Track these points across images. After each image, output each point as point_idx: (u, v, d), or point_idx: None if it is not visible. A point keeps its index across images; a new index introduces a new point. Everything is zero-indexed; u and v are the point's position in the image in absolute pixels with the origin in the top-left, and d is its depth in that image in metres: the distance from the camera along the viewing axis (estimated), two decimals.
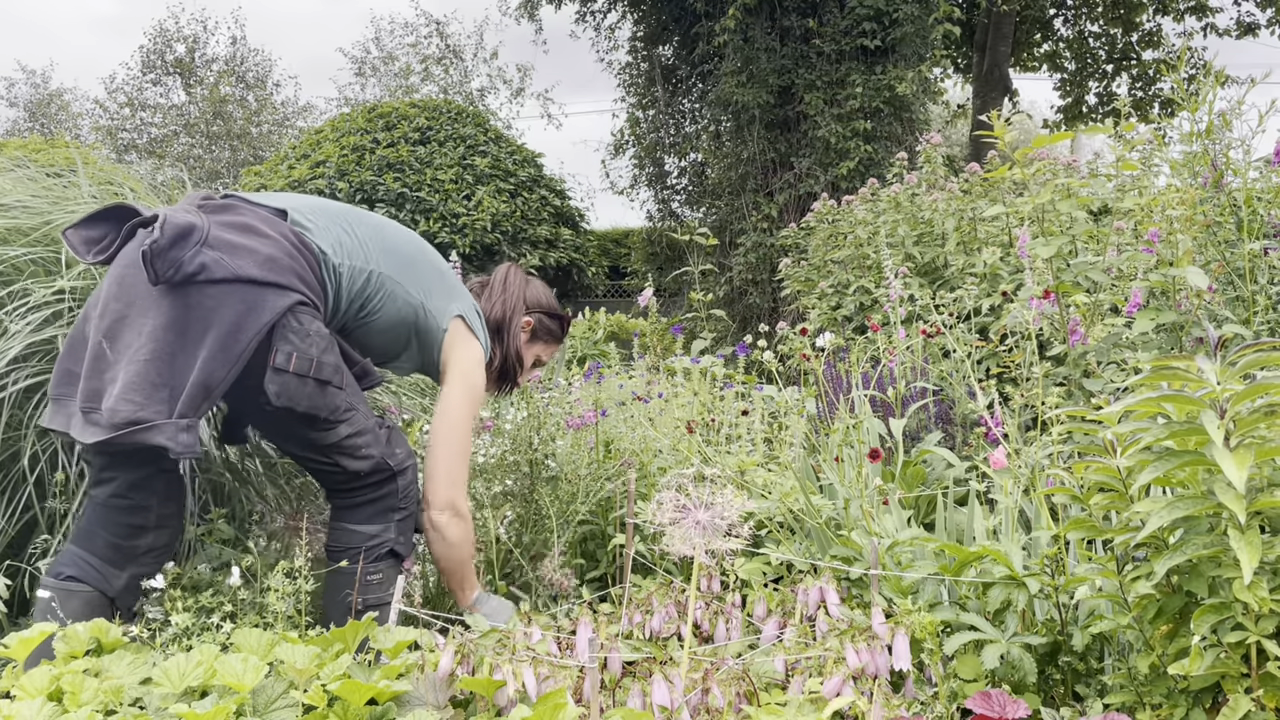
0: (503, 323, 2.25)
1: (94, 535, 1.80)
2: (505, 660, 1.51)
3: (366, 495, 1.92)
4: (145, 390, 1.63)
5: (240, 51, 22.66)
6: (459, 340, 2.05)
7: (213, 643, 1.68)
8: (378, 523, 1.92)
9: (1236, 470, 1.19)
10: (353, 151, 10.26)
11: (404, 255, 2.03)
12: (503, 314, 2.26)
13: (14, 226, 2.25)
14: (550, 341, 2.39)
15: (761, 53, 9.68)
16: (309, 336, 1.76)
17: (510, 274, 2.33)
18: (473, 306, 2.13)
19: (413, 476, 1.97)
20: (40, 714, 1.37)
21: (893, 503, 2.29)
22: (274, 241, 1.79)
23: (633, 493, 2.21)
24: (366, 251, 1.96)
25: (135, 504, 1.81)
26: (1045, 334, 2.96)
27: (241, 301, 1.69)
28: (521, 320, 2.29)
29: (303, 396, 1.76)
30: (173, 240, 1.64)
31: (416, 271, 2.03)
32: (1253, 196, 2.74)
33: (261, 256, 1.74)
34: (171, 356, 1.65)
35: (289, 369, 1.73)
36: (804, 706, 1.42)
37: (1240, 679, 1.30)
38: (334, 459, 1.87)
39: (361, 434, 1.87)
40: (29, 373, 2.06)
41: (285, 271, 1.76)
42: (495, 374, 2.26)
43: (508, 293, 2.29)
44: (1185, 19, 13.94)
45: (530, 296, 2.32)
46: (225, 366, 1.67)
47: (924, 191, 5.09)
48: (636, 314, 10.58)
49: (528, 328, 2.32)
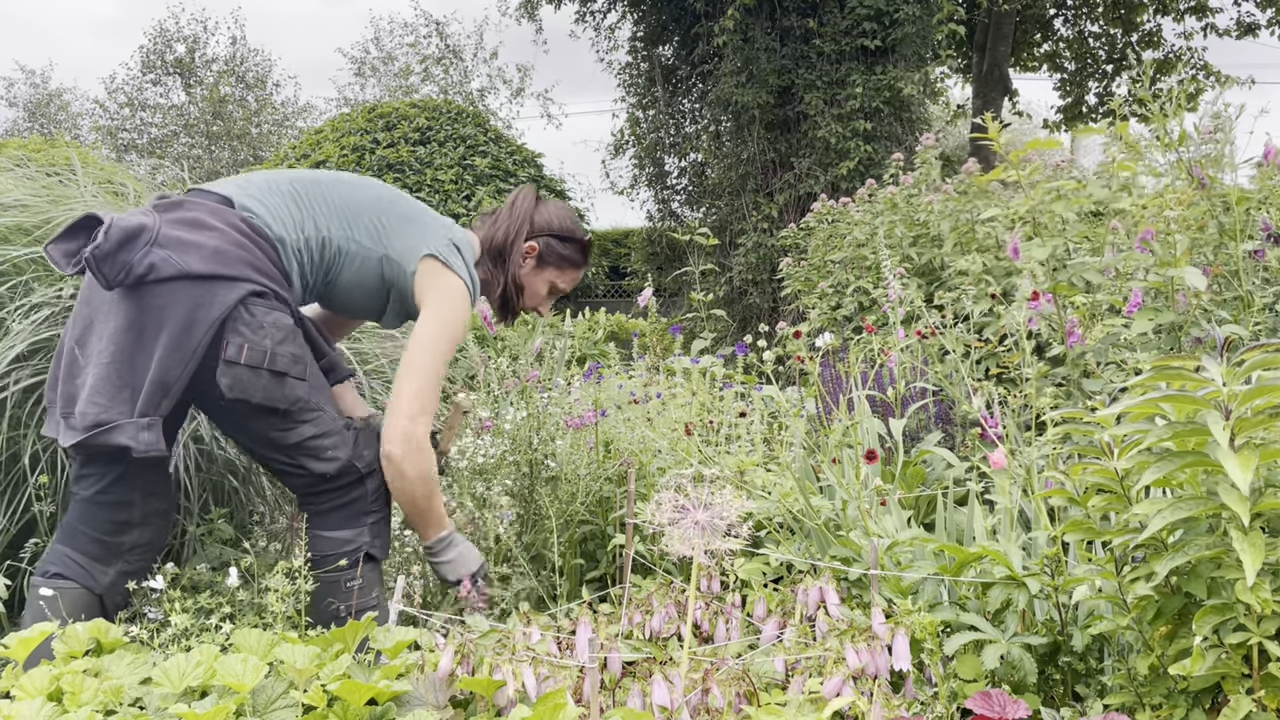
0: (503, 248, 2.14)
1: (77, 532, 1.80)
2: (505, 660, 1.51)
3: (336, 500, 1.88)
4: (109, 392, 1.66)
5: (240, 51, 22.66)
6: (429, 276, 1.96)
7: (212, 643, 1.68)
8: (350, 527, 1.88)
9: (1241, 471, 1.19)
10: (353, 152, 10.26)
11: (355, 211, 1.96)
12: (504, 238, 2.13)
13: (15, 225, 2.25)
14: (565, 268, 2.23)
15: (761, 53, 9.68)
16: (262, 328, 1.74)
17: (520, 196, 2.20)
18: (448, 241, 2.01)
19: (382, 479, 1.92)
20: (40, 714, 1.36)
21: (892, 503, 2.29)
22: (221, 233, 1.76)
23: (632, 493, 2.21)
24: (316, 218, 1.91)
25: (117, 500, 1.81)
26: (1044, 335, 2.96)
27: (191, 298, 1.69)
28: (524, 245, 2.15)
29: (256, 388, 1.74)
30: (120, 243, 1.65)
31: (372, 222, 1.96)
32: (1244, 198, 2.73)
33: (209, 250, 1.72)
34: (131, 357, 1.68)
35: (240, 361, 1.72)
36: (804, 706, 1.42)
37: (1241, 680, 1.30)
38: (298, 460, 1.84)
39: (327, 435, 1.84)
40: (29, 372, 2.06)
41: (235, 263, 1.74)
42: (497, 303, 2.17)
43: (513, 215, 2.16)
44: (1185, 19, 13.95)
45: (539, 219, 2.18)
46: (180, 364, 1.68)
47: (920, 193, 5.09)
48: (636, 314, 10.57)
49: (532, 253, 2.17)
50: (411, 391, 1.89)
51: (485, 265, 2.16)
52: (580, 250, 2.23)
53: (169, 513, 1.92)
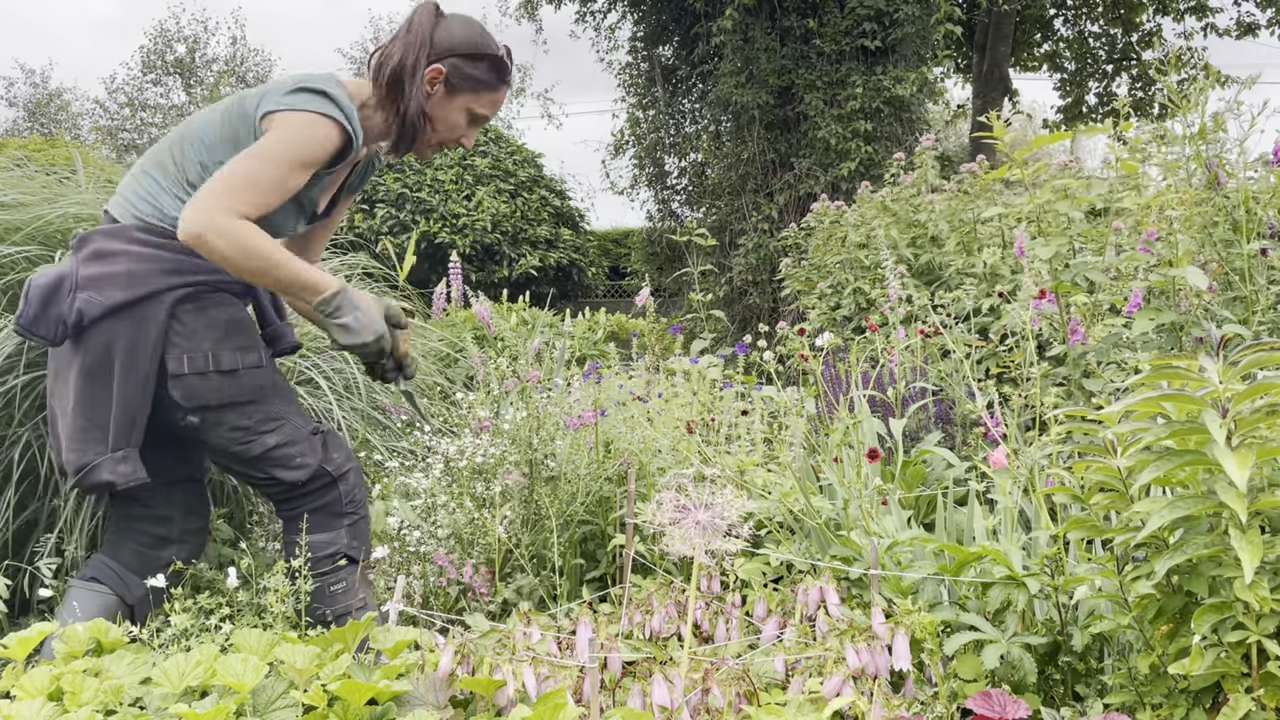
0: (401, 73, 1.85)
1: (119, 544, 1.87)
2: (505, 660, 1.51)
3: (309, 504, 1.87)
4: (79, 437, 1.72)
5: (240, 52, 22.67)
6: (274, 121, 1.74)
7: (212, 643, 1.68)
8: (328, 530, 1.87)
9: (1238, 469, 1.19)
10: None
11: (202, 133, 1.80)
12: (400, 64, 1.85)
13: (10, 224, 2.25)
14: (482, 90, 1.92)
15: (761, 53, 9.68)
16: (196, 334, 1.74)
17: (417, 14, 1.89)
18: (291, 89, 1.76)
19: (355, 480, 1.91)
20: (40, 714, 1.36)
21: (892, 503, 2.28)
22: (126, 254, 1.72)
23: (632, 493, 2.21)
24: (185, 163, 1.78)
25: (157, 514, 1.88)
26: (1045, 334, 2.96)
27: (127, 327, 1.71)
28: (426, 70, 1.86)
29: (210, 391, 1.75)
30: (43, 303, 1.69)
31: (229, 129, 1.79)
32: (1250, 197, 2.73)
33: (123, 277, 1.71)
34: (91, 400, 1.72)
35: (185, 371, 1.74)
36: (804, 706, 1.42)
37: (1241, 678, 1.30)
38: (267, 471, 1.82)
39: (293, 443, 1.83)
40: (22, 369, 2.06)
41: (150, 276, 1.72)
42: (394, 135, 1.91)
43: (409, 38, 1.86)
44: (1185, 19, 13.95)
45: (440, 37, 1.87)
46: (137, 390, 1.72)
47: (919, 193, 5.09)
48: (636, 314, 10.57)
49: (439, 77, 1.87)
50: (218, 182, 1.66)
51: (380, 101, 1.89)
52: (494, 68, 1.92)
53: (204, 533, 1.97)
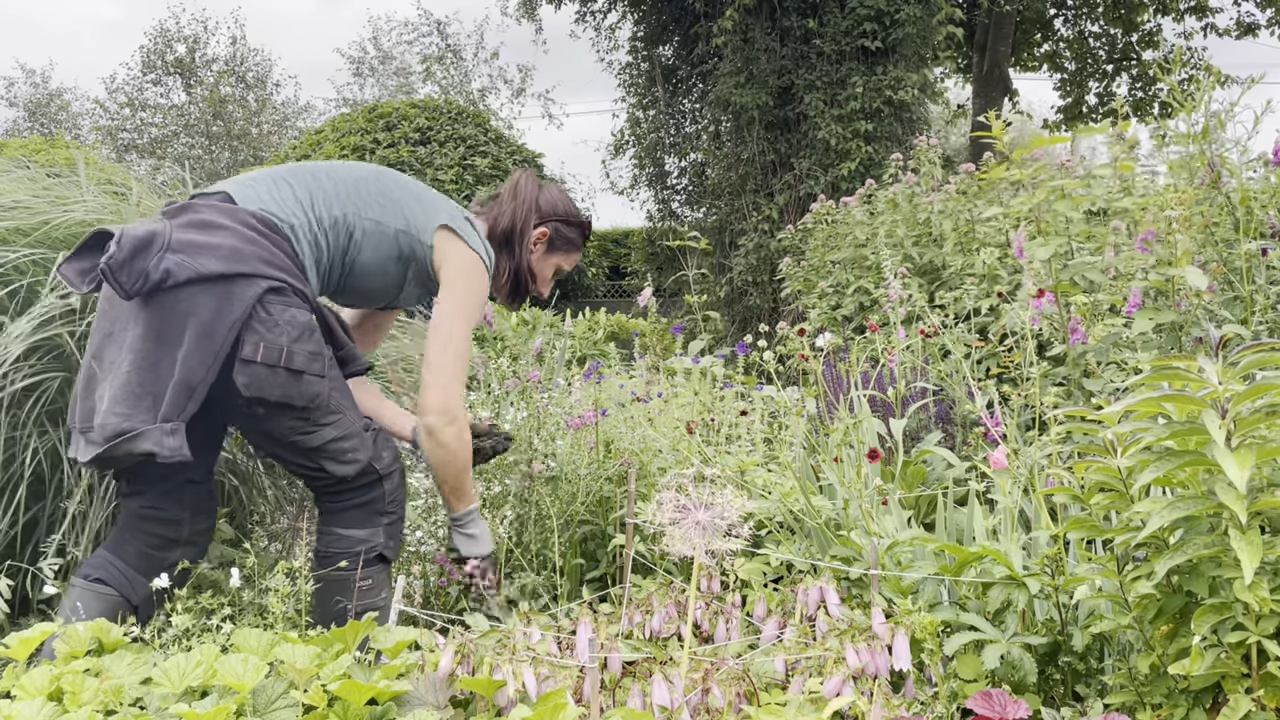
0: (512, 234, 2.13)
1: (126, 543, 1.84)
2: (505, 660, 1.51)
3: (354, 499, 1.89)
4: (129, 401, 1.65)
5: (240, 51, 22.66)
6: (446, 249, 1.98)
7: (213, 643, 1.68)
8: (366, 527, 1.89)
9: (1238, 470, 1.19)
10: (353, 151, 10.27)
11: (367, 188, 1.96)
12: (511, 224, 2.13)
13: (14, 228, 2.25)
14: (570, 250, 2.25)
15: (761, 53, 9.68)
16: (277, 325, 1.73)
17: (522, 180, 2.19)
18: (460, 213, 2.04)
19: (399, 480, 1.94)
20: (40, 714, 1.37)
21: (892, 503, 2.29)
22: (233, 231, 1.76)
23: (633, 493, 2.21)
24: (323, 202, 1.91)
25: (168, 516, 1.85)
26: (1045, 334, 2.96)
27: (211, 298, 1.68)
28: (534, 232, 2.16)
29: (273, 386, 1.73)
30: (133, 252, 1.65)
31: (384, 199, 1.97)
32: (1249, 197, 2.73)
33: (223, 250, 1.72)
34: (152, 364, 1.67)
35: (256, 359, 1.71)
36: (804, 706, 1.42)
37: (1241, 679, 1.30)
38: (319, 463, 1.84)
39: (347, 438, 1.85)
40: (27, 372, 2.06)
41: (250, 259, 1.74)
42: (506, 288, 2.17)
43: (518, 200, 2.15)
44: (1185, 19, 13.94)
45: (545, 203, 2.18)
46: (204, 365, 1.68)
47: (922, 193, 5.10)
48: (636, 314, 10.57)
49: (543, 239, 2.18)
50: (441, 370, 1.94)
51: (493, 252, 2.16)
52: (583, 232, 2.25)
53: (211, 531, 1.96)
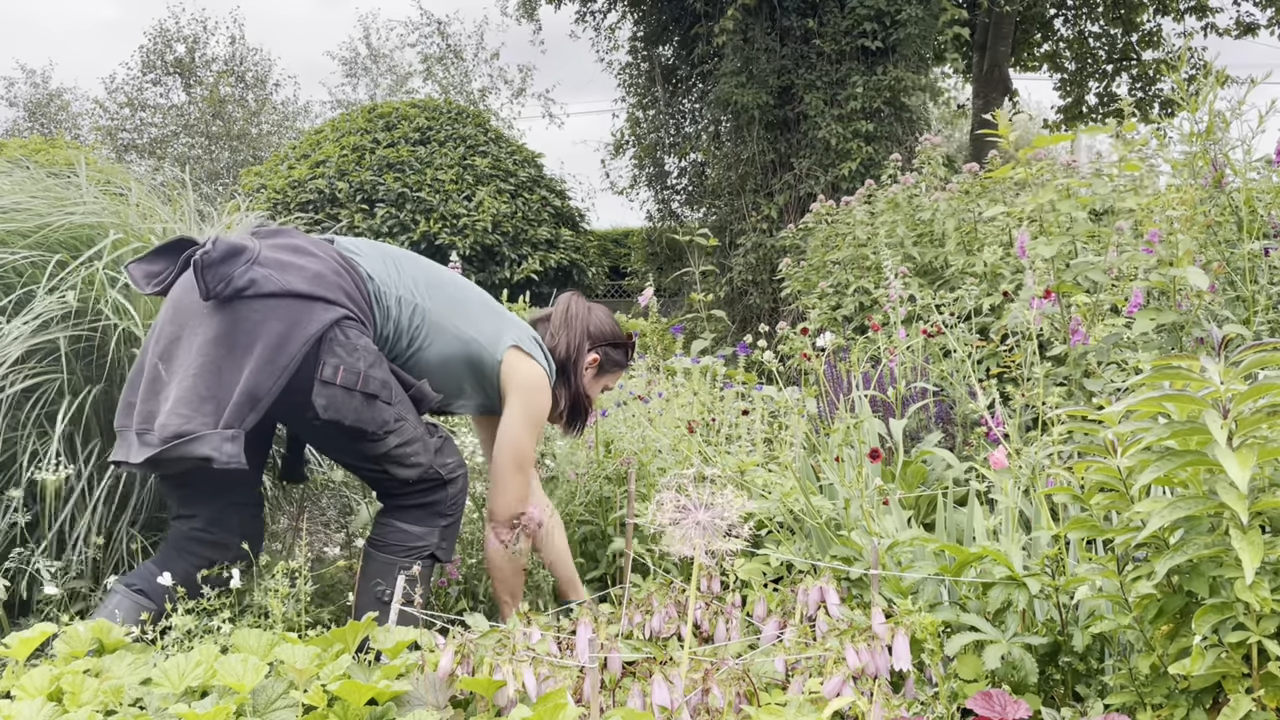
0: (567, 362, 2.21)
1: (173, 560, 1.86)
2: (505, 660, 1.51)
3: (415, 499, 1.95)
4: (193, 403, 1.66)
5: (239, 51, 22.63)
6: (516, 366, 2.05)
7: (213, 643, 1.68)
8: (425, 525, 1.96)
9: (1239, 470, 1.19)
10: (353, 151, 10.25)
11: (450, 292, 2.04)
12: (567, 353, 2.21)
13: (13, 230, 2.25)
14: (617, 371, 2.33)
15: (761, 53, 9.67)
16: (356, 350, 1.79)
17: (572, 305, 2.27)
18: (529, 334, 2.13)
19: (462, 485, 2.00)
20: (40, 714, 1.36)
21: (893, 503, 2.28)
22: (322, 260, 1.85)
23: (633, 493, 2.21)
24: (414, 286, 1.98)
25: (217, 540, 1.88)
26: (1046, 334, 2.96)
27: (289, 314, 1.72)
28: (588, 358, 2.24)
29: (350, 410, 1.78)
30: (224, 256, 1.70)
31: (464, 308, 2.04)
32: (1253, 196, 2.73)
33: (310, 273, 1.79)
34: (219, 370, 1.69)
35: (336, 382, 1.75)
36: (804, 706, 1.42)
37: (1241, 679, 1.30)
38: (384, 467, 1.90)
39: (410, 443, 1.90)
40: (26, 373, 2.06)
41: (333, 288, 1.80)
42: (565, 415, 2.23)
43: (570, 329, 2.23)
44: (1185, 19, 13.93)
45: (594, 329, 2.26)
46: (272, 378, 1.70)
47: (923, 192, 5.09)
48: (637, 314, 10.56)
49: (594, 364, 2.26)
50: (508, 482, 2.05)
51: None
52: (629, 352, 2.34)
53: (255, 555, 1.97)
